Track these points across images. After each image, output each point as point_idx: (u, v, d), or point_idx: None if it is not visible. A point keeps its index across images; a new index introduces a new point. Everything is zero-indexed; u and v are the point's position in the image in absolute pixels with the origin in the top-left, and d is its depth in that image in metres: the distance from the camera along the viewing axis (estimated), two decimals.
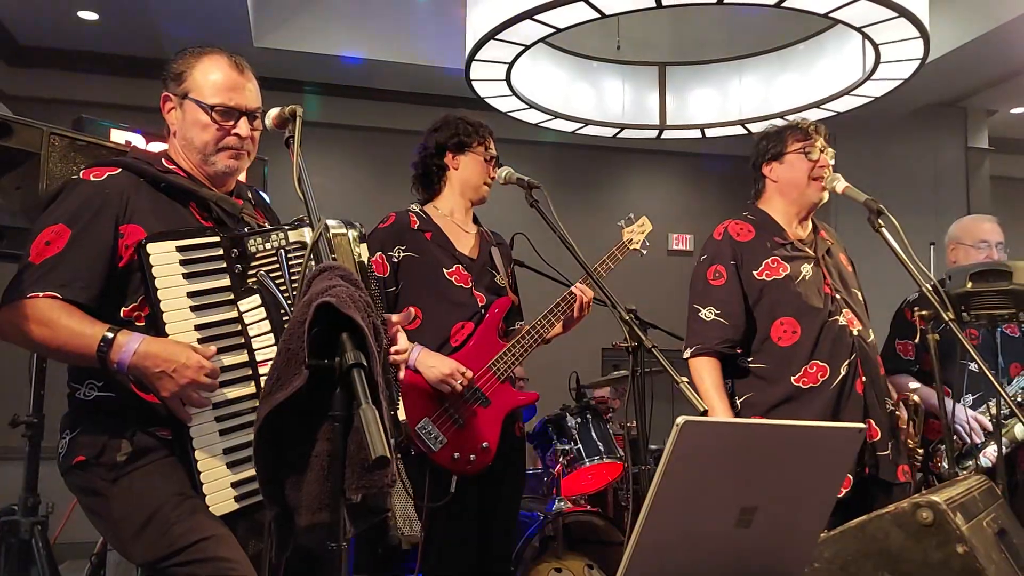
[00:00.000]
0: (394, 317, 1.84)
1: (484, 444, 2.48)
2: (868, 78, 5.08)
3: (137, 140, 3.16)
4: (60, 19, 5.98)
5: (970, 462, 2.92)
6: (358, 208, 3.24)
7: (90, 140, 2.75)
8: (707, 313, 2.57)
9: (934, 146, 7.65)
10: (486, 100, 5.43)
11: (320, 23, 6.06)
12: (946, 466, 2.84)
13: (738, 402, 2.56)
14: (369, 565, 3.59)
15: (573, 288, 2.62)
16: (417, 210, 2.70)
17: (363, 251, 1.77)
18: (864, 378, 2.51)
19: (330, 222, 1.70)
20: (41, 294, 1.62)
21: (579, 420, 3.84)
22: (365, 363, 1.16)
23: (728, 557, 1.17)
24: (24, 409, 2.71)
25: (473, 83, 5.26)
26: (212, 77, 1.83)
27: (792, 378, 2.49)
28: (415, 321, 2.47)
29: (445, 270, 2.57)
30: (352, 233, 1.75)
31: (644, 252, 2.87)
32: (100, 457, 1.65)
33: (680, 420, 1.01)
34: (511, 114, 5.58)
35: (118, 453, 1.63)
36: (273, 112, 1.80)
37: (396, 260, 2.57)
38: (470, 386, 2.47)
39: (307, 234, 1.56)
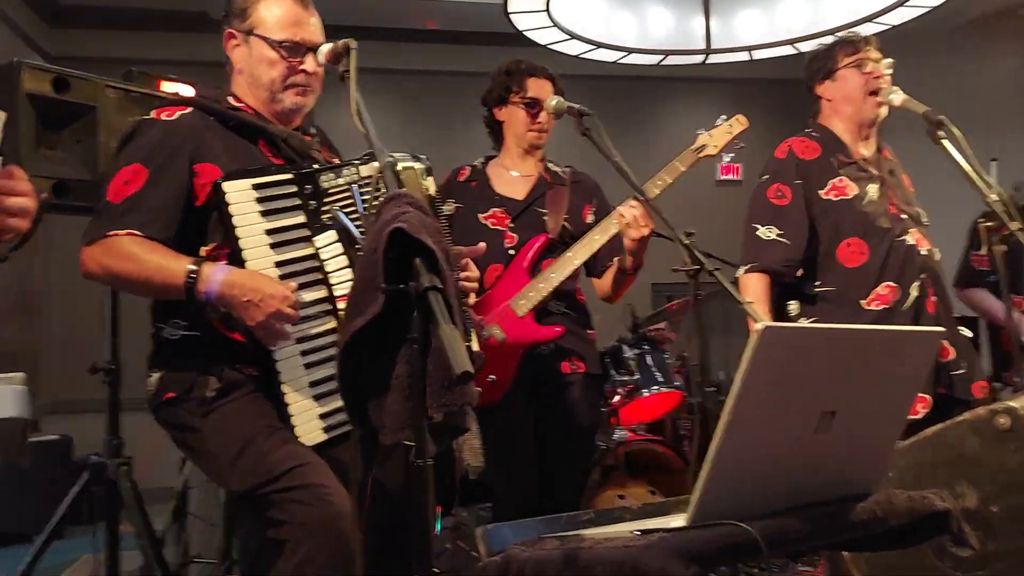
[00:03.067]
0: (463, 250, 1.86)
1: (490, 378, 2.45)
2: None
3: (185, 90, 3.20)
4: None
5: None
6: (396, 152, 3.25)
7: (143, 91, 2.80)
8: (766, 232, 2.53)
9: (992, 58, 7.34)
10: (524, 33, 5.35)
11: None
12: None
13: (793, 311, 2.54)
14: (439, 496, 3.69)
15: (618, 209, 2.40)
16: (476, 163, 2.74)
17: (430, 184, 1.78)
18: (935, 297, 2.48)
19: (397, 155, 1.70)
20: (122, 232, 1.66)
21: (636, 351, 3.85)
22: (440, 285, 1.18)
23: (807, 463, 1.18)
24: (96, 359, 2.82)
25: (511, 16, 5.17)
26: (277, 12, 1.83)
27: (862, 301, 2.46)
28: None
29: (480, 215, 2.60)
30: (419, 166, 1.76)
31: (729, 157, 2.57)
32: (190, 393, 1.70)
33: (759, 326, 1.01)
34: (551, 47, 5.49)
35: (207, 389, 1.69)
36: (326, 47, 1.79)
37: (448, 213, 2.57)
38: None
39: (377, 167, 1.57)
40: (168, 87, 3.21)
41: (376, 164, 1.55)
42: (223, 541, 2.97)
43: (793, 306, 2.56)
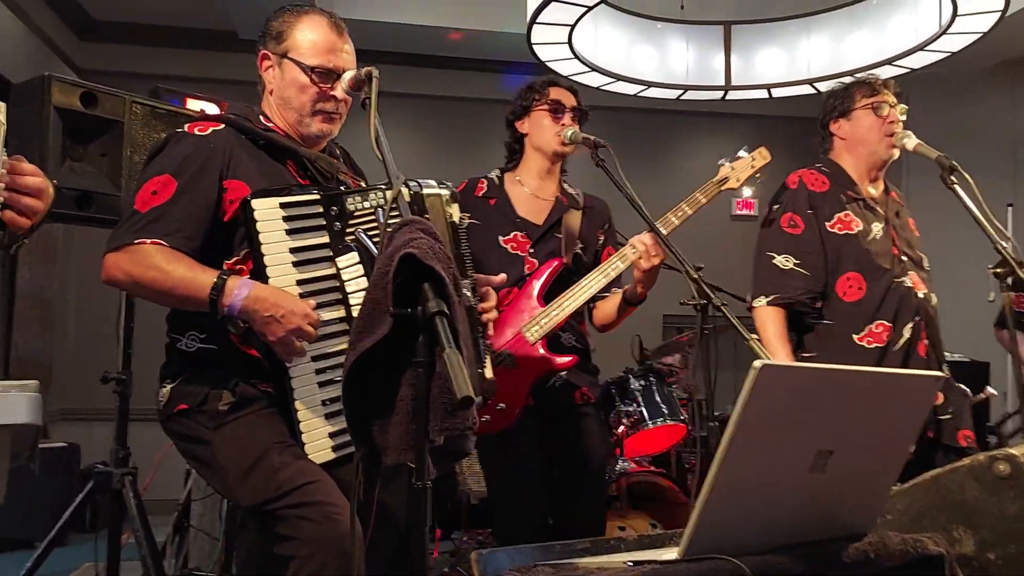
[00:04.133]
0: (487, 278, 1.88)
1: (500, 406, 2.42)
2: (944, 32, 4.89)
3: (212, 109, 3.27)
4: None
5: None
6: (421, 177, 3.29)
7: (169, 108, 2.87)
8: (784, 261, 2.53)
9: (1013, 104, 7.34)
10: (547, 64, 5.41)
11: None
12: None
13: (803, 357, 2.55)
14: (439, 520, 3.69)
15: (631, 240, 2.44)
16: (493, 175, 2.70)
17: (455, 211, 1.81)
18: (927, 341, 2.49)
19: (424, 181, 1.74)
20: (148, 241, 1.68)
21: (643, 383, 3.85)
22: (447, 311, 1.20)
23: (802, 501, 1.19)
24: (109, 369, 2.86)
25: (534, 47, 5.23)
26: (312, 37, 1.87)
27: (855, 336, 2.48)
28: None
29: (501, 237, 2.58)
30: (444, 193, 1.79)
31: (750, 189, 2.63)
32: (203, 405, 1.72)
33: (757, 363, 1.03)
34: (572, 78, 5.55)
35: (220, 402, 1.70)
36: (348, 75, 1.84)
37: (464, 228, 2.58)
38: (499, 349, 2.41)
39: (404, 193, 1.61)
40: (194, 104, 3.29)
41: (404, 190, 1.58)
42: (223, 555, 2.99)
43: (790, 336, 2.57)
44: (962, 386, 2.67)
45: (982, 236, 2.34)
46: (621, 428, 3.78)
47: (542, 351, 2.47)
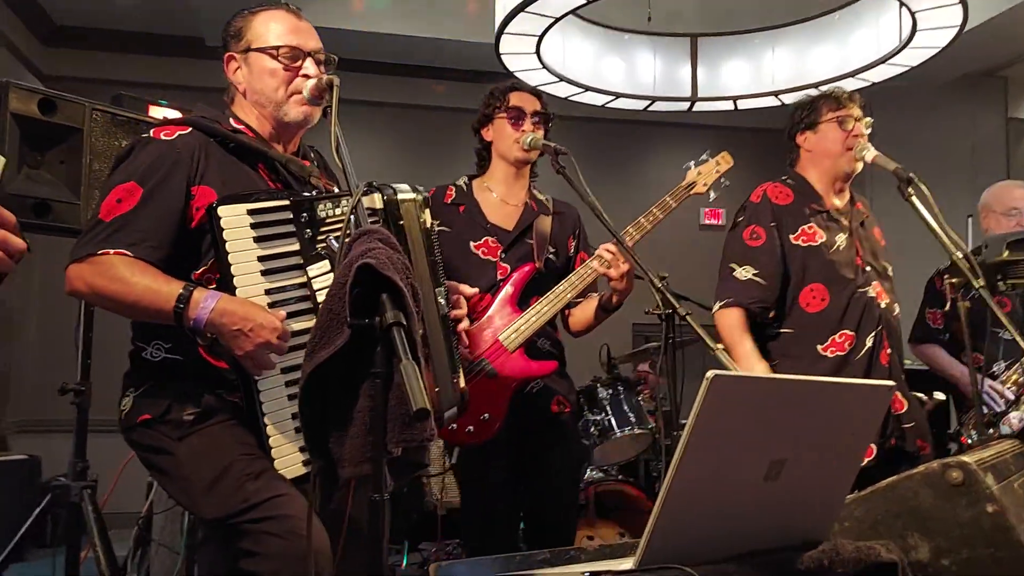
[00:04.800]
0: (463, 288, 1.87)
1: (484, 416, 2.41)
2: (905, 47, 4.99)
3: (174, 116, 3.23)
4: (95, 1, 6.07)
5: (990, 431, 2.93)
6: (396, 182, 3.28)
7: (130, 115, 2.83)
8: (743, 272, 2.58)
9: (973, 117, 7.50)
10: (515, 74, 5.43)
11: None
12: (973, 434, 2.86)
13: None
14: (405, 531, 3.66)
15: (600, 248, 2.46)
16: (460, 183, 2.69)
17: (428, 216, 1.78)
18: (889, 350, 2.54)
19: (398, 186, 1.71)
20: (112, 251, 1.63)
21: (610, 392, 3.87)
22: (404, 322, 1.20)
23: (757, 510, 1.20)
24: (69, 380, 2.81)
25: (503, 57, 5.25)
26: (273, 24, 1.86)
27: (819, 346, 2.51)
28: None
29: (472, 243, 2.56)
30: (418, 198, 1.76)
31: (716, 194, 2.62)
32: (167, 415, 1.68)
33: (710, 374, 1.04)
34: (541, 88, 5.57)
35: (185, 413, 1.66)
36: (310, 83, 1.82)
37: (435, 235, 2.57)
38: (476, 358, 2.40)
39: (378, 199, 1.58)
40: (157, 112, 3.25)
41: (376, 195, 1.56)
42: (184, 569, 2.94)
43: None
44: (918, 394, 2.72)
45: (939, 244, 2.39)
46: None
47: (522, 359, 2.46)
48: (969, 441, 2.92)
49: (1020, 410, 2.89)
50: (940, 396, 2.99)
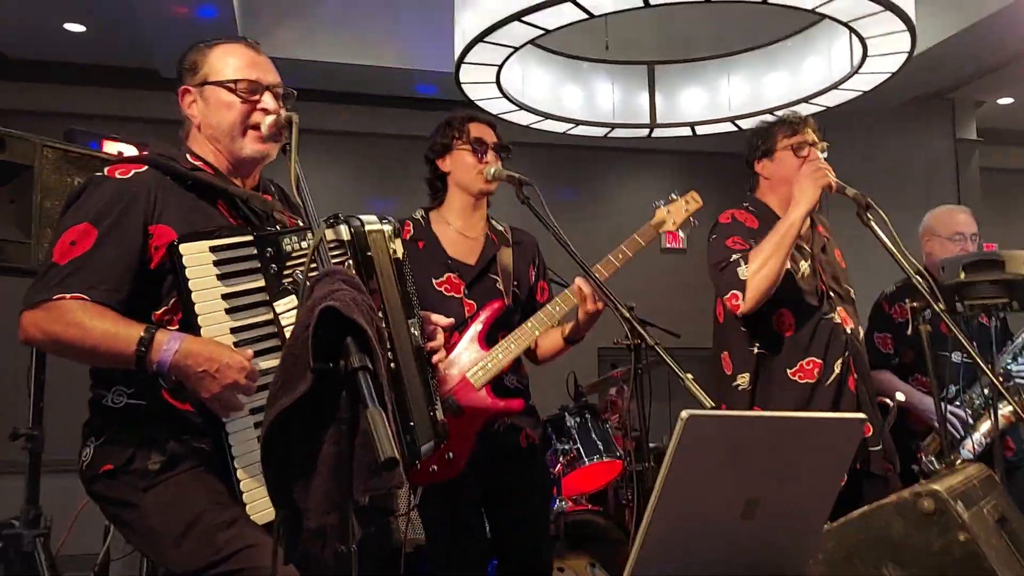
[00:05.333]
0: (434, 317, 1.83)
1: (448, 454, 2.35)
2: (856, 72, 5.10)
3: (129, 151, 3.17)
4: (47, 31, 5.97)
5: (951, 456, 2.95)
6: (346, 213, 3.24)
7: (83, 152, 2.76)
8: (744, 271, 2.52)
9: (923, 139, 7.69)
10: (476, 102, 5.44)
11: (309, 29, 6.07)
12: (933, 460, 2.88)
13: (743, 384, 2.56)
14: (373, 568, 3.58)
15: (572, 284, 2.43)
16: (417, 216, 2.62)
17: (398, 247, 1.73)
18: (856, 375, 2.55)
19: (365, 217, 1.67)
20: (68, 296, 1.57)
21: (578, 420, 3.85)
22: (370, 366, 1.16)
23: (734, 549, 1.18)
24: (22, 422, 2.71)
25: (463, 86, 5.27)
26: (230, 59, 1.80)
27: (788, 370, 2.52)
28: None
29: (434, 280, 2.48)
30: (387, 229, 1.72)
31: (686, 233, 2.63)
32: (131, 465, 1.61)
33: (684, 414, 1.02)
34: (501, 116, 5.60)
35: (150, 461, 1.59)
36: (268, 119, 1.77)
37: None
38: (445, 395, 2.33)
39: (344, 231, 1.53)
40: (111, 147, 3.18)
41: (342, 227, 1.52)
42: None
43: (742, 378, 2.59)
44: (881, 399, 2.72)
45: (891, 265, 2.42)
46: (558, 467, 3.76)
47: (489, 396, 2.41)
48: (930, 467, 2.94)
49: (979, 433, 2.91)
50: (900, 397, 2.98)
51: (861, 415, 1.30)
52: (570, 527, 3.72)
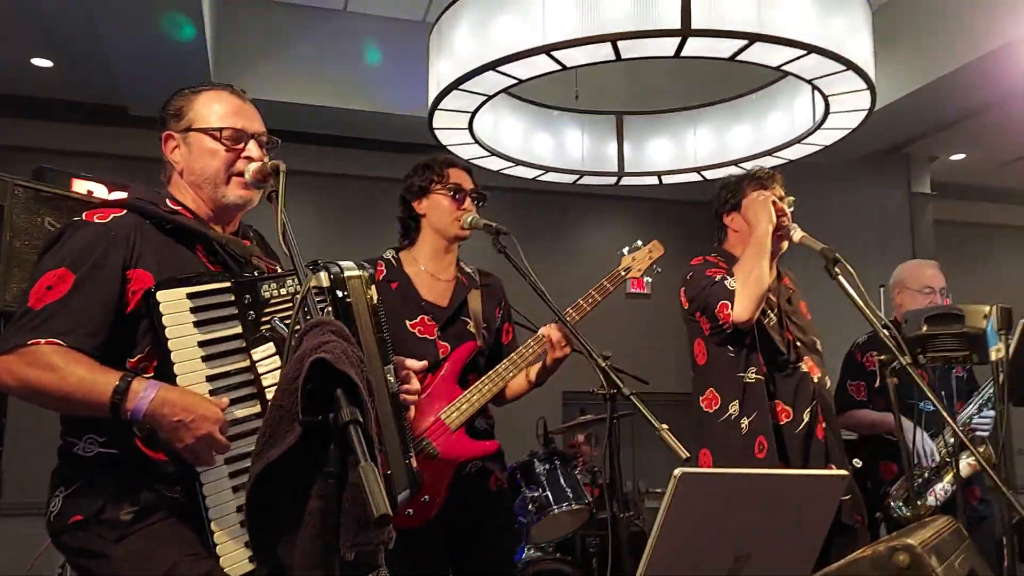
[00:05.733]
0: (408, 362, 1.82)
1: (425, 498, 2.35)
2: (818, 127, 5.26)
3: (99, 190, 3.13)
4: (14, 66, 5.91)
5: (919, 501, 3.00)
6: (319, 255, 3.21)
7: (55, 191, 2.72)
8: (731, 282, 2.59)
9: (879, 192, 7.92)
10: (448, 147, 5.50)
11: (281, 70, 6.09)
12: (901, 505, 2.93)
13: (734, 413, 2.58)
14: None
15: (541, 331, 2.50)
16: (389, 257, 2.63)
17: (374, 292, 1.74)
18: (824, 424, 2.59)
19: (344, 264, 1.67)
20: (43, 341, 1.54)
21: (547, 466, 3.84)
22: (361, 419, 1.16)
23: None
24: None
25: (436, 131, 5.31)
26: (216, 106, 1.81)
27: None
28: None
29: (408, 322, 2.50)
30: (365, 275, 1.71)
31: (650, 279, 2.74)
32: (101, 515, 1.57)
33: (677, 472, 1.03)
34: (473, 161, 5.66)
35: (122, 512, 1.56)
36: (253, 166, 1.78)
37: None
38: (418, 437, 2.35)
39: (324, 277, 1.54)
40: (81, 186, 3.14)
41: (322, 274, 1.52)
42: None
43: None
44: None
45: (859, 318, 2.47)
46: (527, 514, 3.74)
47: (464, 438, 2.43)
48: (898, 512, 2.98)
49: (945, 481, 2.97)
50: (857, 463, 3.04)
51: (844, 472, 1.33)
52: None
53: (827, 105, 4.94)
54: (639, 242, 2.75)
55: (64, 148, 6.08)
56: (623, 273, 2.67)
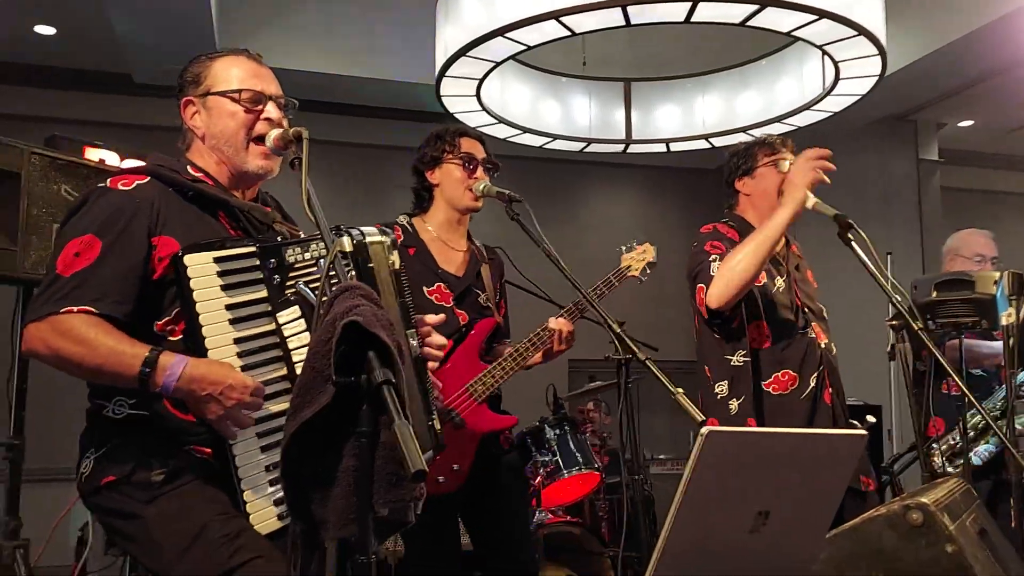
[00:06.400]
0: (428, 317, 1.84)
1: (455, 466, 2.41)
2: (828, 94, 5.24)
3: (111, 158, 3.14)
4: (17, 34, 5.88)
5: (961, 460, 3.03)
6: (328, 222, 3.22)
7: (70, 159, 2.74)
8: (716, 266, 2.56)
9: (886, 159, 7.90)
10: (455, 115, 5.48)
11: (286, 38, 6.06)
12: (941, 462, 2.96)
13: (721, 394, 2.60)
14: None
15: (550, 322, 2.54)
16: (404, 222, 2.64)
17: (396, 258, 1.74)
18: (831, 389, 2.61)
19: (366, 229, 1.67)
20: (75, 308, 1.55)
21: (557, 432, 3.88)
22: (393, 380, 1.18)
23: (742, 563, 1.22)
24: (1, 432, 2.67)
25: (443, 99, 5.30)
26: (234, 70, 1.81)
27: (763, 382, 2.57)
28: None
29: (425, 288, 2.51)
30: (387, 240, 1.72)
31: (643, 279, 2.78)
32: (133, 476, 1.59)
33: (704, 431, 1.06)
34: (480, 129, 5.65)
35: (153, 472, 1.58)
36: (275, 132, 1.78)
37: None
38: (445, 407, 2.40)
39: (347, 243, 1.56)
40: (93, 154, 3.15)
41: (344, 239, 1.54)
42: None
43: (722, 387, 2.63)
44: (853, 423, 2.81)
45: (868, 285, 2.48)
46: (537, 478, 3.79)
47: (488, 411, 2.49)
48: (939, 468, 3.01)
49: (989, 443, 3.00)
50: (871, 419, 3.06)
51: (863, 431, 1.36)
52: (548, 539, 3.76)
53: (837, 71, 4.92)
54: (634, 242, 2.82)
55: (68, 116, 6.06)
56: (625, 271, 2.75)
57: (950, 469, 2.97)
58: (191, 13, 5.13)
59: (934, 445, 3.10)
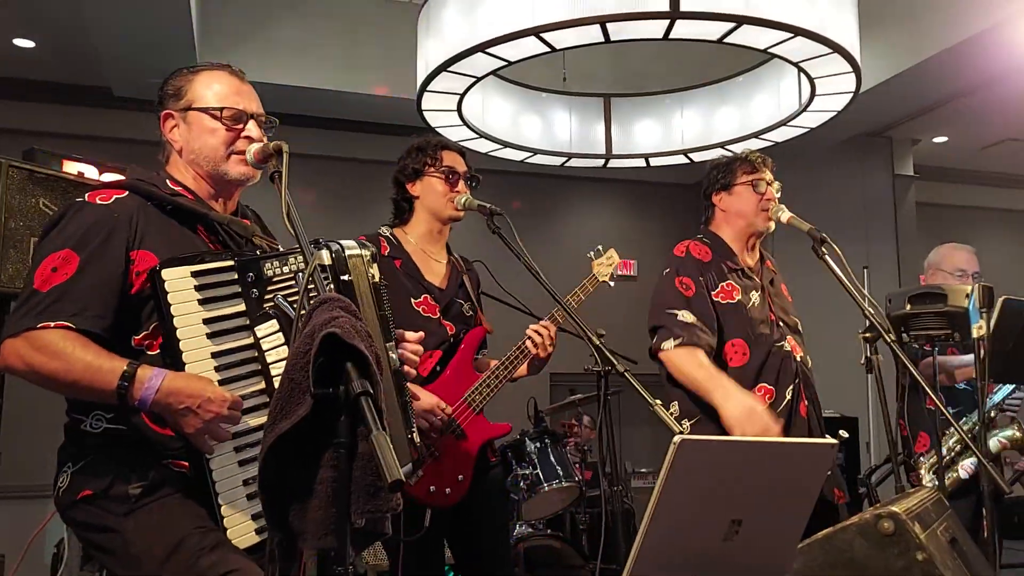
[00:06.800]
0: (408, 334, 1.85)
1: (460, 477, 2.44)
2: (804, 110, 5.32)
3: (90, 171, 3.13)
4: None
5: (951, 474, 3.07)
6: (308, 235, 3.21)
7: (48, 172, 2.73)
8: (685, 315, 2.61)
9: (863, 174, 8.01)
10: (437, 129, 5.51)
11: (267, 51, 6.06)
12: (927, 476, 2.99)
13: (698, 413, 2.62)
14: None
15: (528, 331, 2.55)
16: (387, 234, 2.65)
17: (376, 272, 1.75)
18: (806, 402, 2.65)
19: (345, 242, 1.69)
20: (52, 324, 1.55)
21: (538, 445, 3.89)
22: (371, 391, 1.20)
23: (717, 569, 1.24)
24: None
25: (424, 113, 5.32)
26: (216, 85, 1.82)
27: None
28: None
29: (412, 300, 2.54)
30: (366, 253, 1.74)
31: (612, 284, 2.81)
32: (110, 490, 1.59)
33: (677, 439, 1.08)
34: (462, 143, 5.67)
35: (131, 486, 1.58)
36: (255, 147, 1.79)
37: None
38: (448, 419, 2.43)
39: (326, 256, 1.57)
40: (72, 167, 3.14)
41: (324, 252, 1.55)
42: None
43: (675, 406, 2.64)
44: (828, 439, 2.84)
45: (843, 298, 2.53)
46: (520, 492, 3.79)
47: (484, 421, 2.53)
48: (926, 481, 3.03)
49: (973, 459, 3.03)
50: (844, 434, 3.09)
51: (833, 440, 1.38)
52: (529, 553, 3.76)
53: (813, 87, 4.99)
54: (599, 246, 2.85)
55: (47, 129, 6.02)
56: (597, 278, 2.78)
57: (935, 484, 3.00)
58: (171, 26, 5.13)
59: (921, 458, 3.13)
